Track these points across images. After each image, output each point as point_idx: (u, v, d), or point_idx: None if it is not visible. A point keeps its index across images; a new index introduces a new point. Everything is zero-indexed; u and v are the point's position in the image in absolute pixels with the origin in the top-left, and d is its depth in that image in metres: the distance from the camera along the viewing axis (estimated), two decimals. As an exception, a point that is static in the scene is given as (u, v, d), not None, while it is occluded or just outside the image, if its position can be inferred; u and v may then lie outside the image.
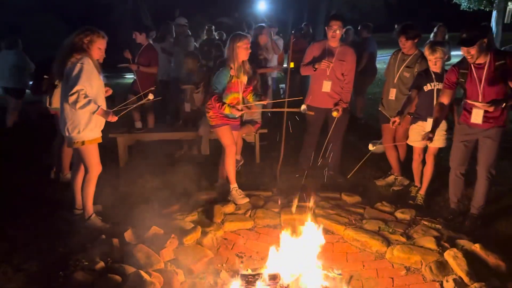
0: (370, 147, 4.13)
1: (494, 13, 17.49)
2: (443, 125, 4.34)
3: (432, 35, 7.04)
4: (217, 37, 8.68)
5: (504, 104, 3.63)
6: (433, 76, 4.35)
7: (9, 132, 7.40)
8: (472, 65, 3.75)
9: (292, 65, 8.91)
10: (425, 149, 4.57)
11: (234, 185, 4.51)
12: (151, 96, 4.24)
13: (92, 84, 3.68)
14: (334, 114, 4.94)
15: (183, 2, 17.06)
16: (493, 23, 17.28)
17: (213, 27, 8.61)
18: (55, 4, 16.96)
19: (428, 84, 4.37)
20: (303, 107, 4.28)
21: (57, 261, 3.25)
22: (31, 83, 7.10)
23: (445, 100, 4.02)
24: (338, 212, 4.14)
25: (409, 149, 4.99)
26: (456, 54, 11.60)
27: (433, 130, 3.94)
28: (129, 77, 13.81)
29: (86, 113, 3.69)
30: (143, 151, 5.79)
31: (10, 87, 7.77)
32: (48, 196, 4.56)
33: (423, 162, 4.60)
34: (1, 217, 4.03)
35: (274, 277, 3.01)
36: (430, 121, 4.29)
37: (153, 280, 2.92)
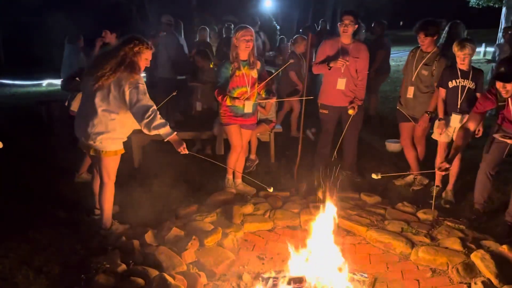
0: (374, 175, 3.80)
1: (504, 9, 17.31)
2: None
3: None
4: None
5: None
6: (459, 72, 4.28)
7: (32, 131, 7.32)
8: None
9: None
10: (450, 144, 4.50)
11: (229, 175, 4.78)
12: None
13: None
14: (350, 111, 4.88)
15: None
16: (502, 20, 17.11)
17: (232, 25, 8.50)
18: (63, 3, 16.98)
19: (454, 81, 4.30)
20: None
21: (79, 264, 3.22)
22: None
23: (471, 125, 3.83)
24: (358, 212, 4.08)
25: (428, 147, 4.94)
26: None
27: (450, 160, 3.68)
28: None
29: (130, 125, 3.59)
30: (157, 150, 5.73)
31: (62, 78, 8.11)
32: (67, 197, 4.52)
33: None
34: (22, 218, 4.00)
35: (299, 280, 2.96)
36: (454, 116, 4.27)
37: (177, 283, 2.87)
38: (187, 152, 3.61)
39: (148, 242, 3.47)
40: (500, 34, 15.57)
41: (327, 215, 3.32)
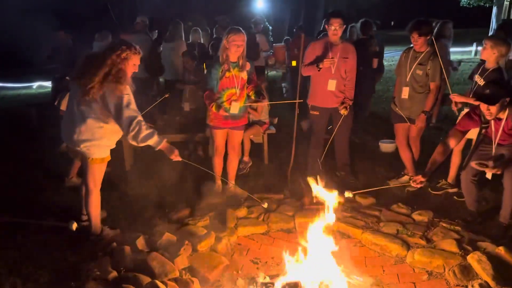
0: (347, 193, 3.67)
1: (494, 9, 17.44)
2: None
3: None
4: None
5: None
6: (481, 69, 4.27)
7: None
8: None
9: (294, 63, 8.78)
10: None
11: (218, 181, 4.72)
12: None
13: None
14: (343, 111, 4.85)
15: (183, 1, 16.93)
16: (493, 19, 17.24)
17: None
18: (50, 3, 16.79)
19: (476, 76, 4.31)
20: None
21: (68, 271, 3.13)
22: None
23: (452, 142, 3.76)
24: (353, 215, 4.04)
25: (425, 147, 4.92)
26: (456, 51, 11.47)
27: (426, 174, 3.59)
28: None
29: (120, 133, 3.49)
30: (148, 153, 5.66)
31: None
32: (57, 203, 4.42)
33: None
34: (10, 224, 3.89)
35: (295, 285, 2.91)
36: (466, 111, 4.22)
37: (170, 290, 2.81)
38: (180, 159, 3.56)
39: (140, 248, 3.39)
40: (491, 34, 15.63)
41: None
